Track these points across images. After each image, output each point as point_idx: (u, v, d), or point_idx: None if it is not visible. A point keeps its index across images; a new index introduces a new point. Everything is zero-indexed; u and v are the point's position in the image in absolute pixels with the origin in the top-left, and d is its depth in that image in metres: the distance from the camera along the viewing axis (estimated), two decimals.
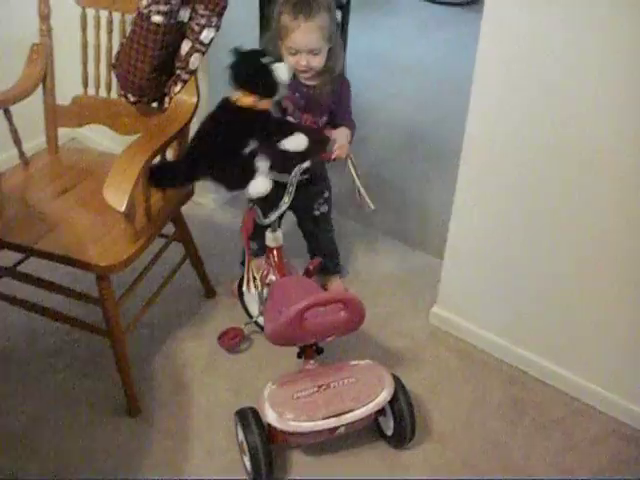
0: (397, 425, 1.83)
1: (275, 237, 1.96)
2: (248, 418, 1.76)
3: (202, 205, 2.77)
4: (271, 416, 1.72)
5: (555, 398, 2.08)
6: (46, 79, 2.07)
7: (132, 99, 1.98)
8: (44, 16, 2.03)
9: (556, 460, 1.91)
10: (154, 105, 2.02)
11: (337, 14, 1.95)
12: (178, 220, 2.13)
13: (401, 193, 2.98)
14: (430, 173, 3.09)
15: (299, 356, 1.89)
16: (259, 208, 1.91)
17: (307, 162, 1.85)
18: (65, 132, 2.24)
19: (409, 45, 4.41)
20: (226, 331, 2.20)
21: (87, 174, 2.07)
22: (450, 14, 5.00)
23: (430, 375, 2.14)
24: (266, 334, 1.82)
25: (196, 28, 1.87)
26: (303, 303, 1.64)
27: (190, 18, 1.87)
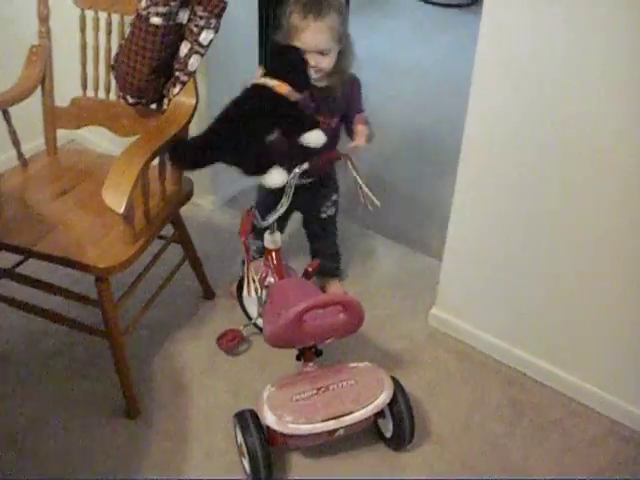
0: (396, 427, 1.83)
1: (274, 239, 1.95)
2: (247, 420, 1.76)
3: (201, 207, 2.77)
4: (270, 418, 1.72)
5: (554, 399, 2.08)
6: (45, 80, 2.07)
7: (131, 101, 1.98)
8: (43, 17, 2.03)
9: (555, 461, 1.91)
10: (153, 107, 2.02)
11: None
12: (177, 221, 2.12)
13: (400, 195, 2.99)
14: (429, 175, 3.10)
15: (298, 358, 1.89)
16: (260, 209, 1.90)
17: (306, 164, 1.85)
18: (64, 133, 2.24)
19: (408, 47, 4.41)
20: (225, 333, 2.20)
21: (86, 175, 2.07)
22: (448, 16, 5.01)
23: (429, 377, 2.14)
24: (265, 336, 1.82)
25: (195, 30, 1.87)
26: (302, 305, 1.64)
27: (189, 20, 1.87)
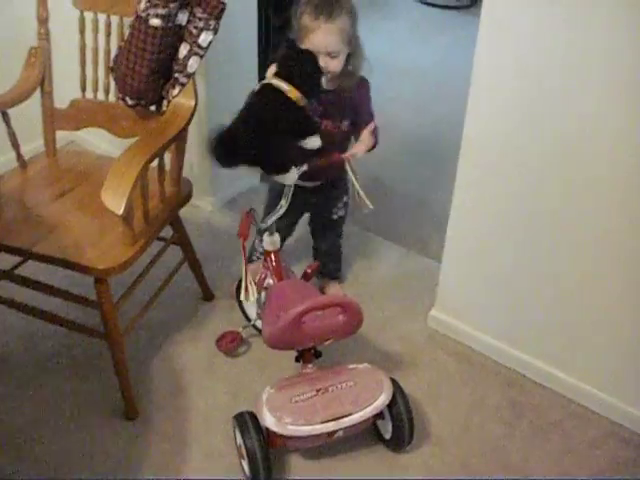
0: (395, 428, 1.83)
1: (272, 241, 1.95)
2: (246, 422, 1.76)
3: (200, 208, 2.77)
4: (269, 420, 1.72)
5: (553, 401, 2.08)
6: (44, 82, 2.07)
7: (130, 102, 1.98)
8: (42, 19, 2.03)
9: (554, 462, 1.91)
10: (152, 108, 2.02)
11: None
12: (176, 223, 2.12)
13: (399, 196, 2.99)
14: (428, 176, 3.10)
15: (297, 360, 1.88)
16: (270, 211, 1.90)
17: (305, 166, 1.85)
18: (63, 135, 2.23)
19: (406, 48, 4.42)
20: (224, 334, 2.20)
21: (85, 177, 2.07)
22: (446, 17, 5.02)
23: (428, 378, 2.14)
24: (264, 338, 1.82)
25: (194, 31, 1.87)
26: (301, 307, 1.64)
27: (188, 21, 1.87)
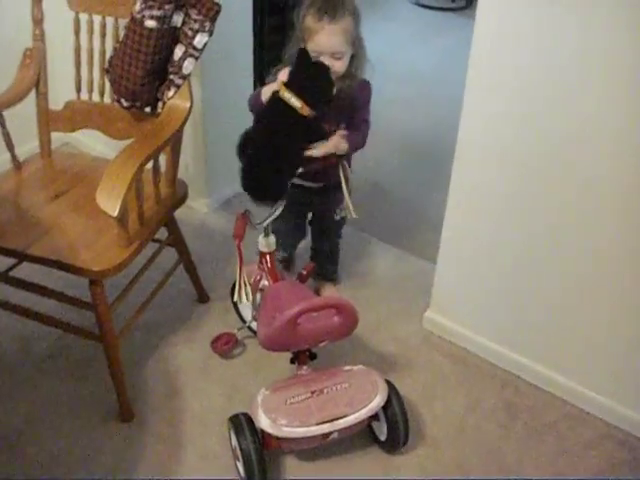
0: (391, 430, 1.83)
1: (268, 242, 1.95)
2: (241, 424, 1.76)
3: (195, 209, 2.77)
4: (264, 422, 1.72)
5: (548, 402, 2.09)
6: (39, 83, 2.07)
7: (125, 104, 1.98)
8: (37, 20, 2.03)
9: (549, 464, 1.91)
10: (147, 110, 2.01)
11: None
12: (171, 225, 2.12)
13: (395, 198, 2.99)
14: (424, 177, 3.10)
15: (292, 362, 1.89)
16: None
17: (301, 168, 1.85)
18: (58, 136, 2.23)
19: (404, 50, 4.43)
20: (219, 336, 2.19)
21: (80, 179, 2.07)
22: (443, 19, 5.03)
23: (423, 380, 2.14)
24: (259, 340, 1.82)
25: (189, 33, 1.87)
26: (296, 308, 1.64)
27: (183, 23, 1.87)
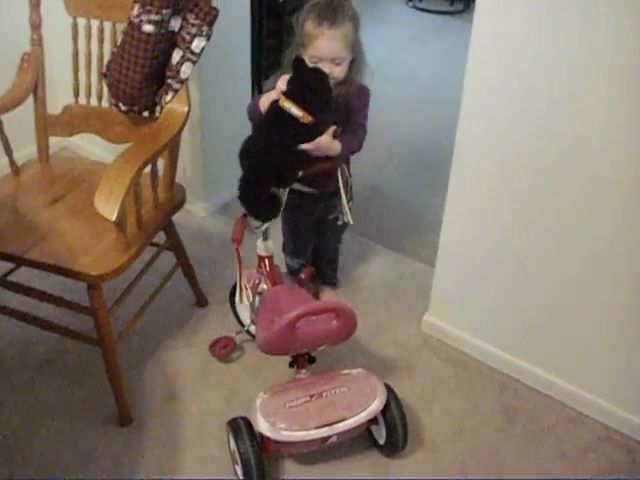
0: (389, 434, 1.83)
1: (266, 246, 1.96)
2: (240, 427, 1.75)
3: (193, 214, 2.77)
4: (263, 425, 1.72)
5: (547, 405, 2.09)
6: (37, 88, 2.07)
7: (123, 108, 1.98)
8: (35, 25, 2.03)
9: (548, 467, 1.91)
10: (145, 114, 2.02)
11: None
12: (169, 229, 2.12)
13: (393, 201, 2.99)
14: (422, 181, 3.11)
15: (291, 365, 1.89)
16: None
17: (300, 172, 1.86)
18: (56, 141, 2.24)
19: (402, 54, 4.44)
20: (218, 340, 2.19)
21: (78, 183, 2.07)
22: (441, 23, 5.04)
23: (422, 383, 2.14)
24: (258, 343, 1.82)
25: (187, 37, 1.87)
26: (295, 312, 1.64)
27: (181, 27, 1.88)
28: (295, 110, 1.73)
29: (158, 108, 1.98)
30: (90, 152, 2.89)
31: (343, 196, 1.97)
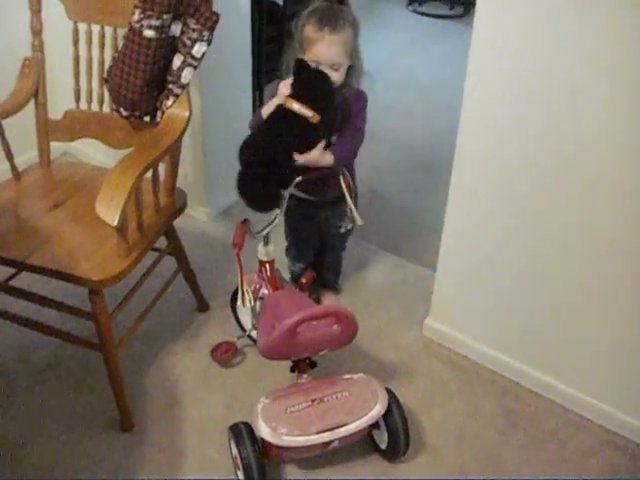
0: (391, 438, 1.83)
1: (267, 251, 1.96)
2: (241, 433, 1.75)
3: (194, 218, 2.77)
4: (264, 431, 1.71)
5: (548, 409, 2.08)
6: (38, 93, 2.07)
7: (124, 113, 1.98)
8: (36, 31, 2.03)
9: (550, 471, 1.91)
10: (146, 119, 2.02)
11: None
12: (170, 234, 2.12)
13: (394, 205, 2.99)
14: (423, 185, 3.11)
15: (292, 370, 1.89)
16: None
17: (299, 177, 1.86)
18: (57, 146, 2.23)
19: (402, 58, 4.44)
20: (219, 345, 2.19)
21: (79, 188, 2.07)
22: (441, 27, 5.04)
23: (423, 388, 2.14)
24: (259, 348, 1.82)
25: (188, 42, 1.87)
26: (296, 317, 1.64)
27: (182, 32, 1.88)
28: (305, 110, 1.75)
29: (159, 113, 1.98)
30: (91, 157, 2.89)
31: (348, 199, 1.96)
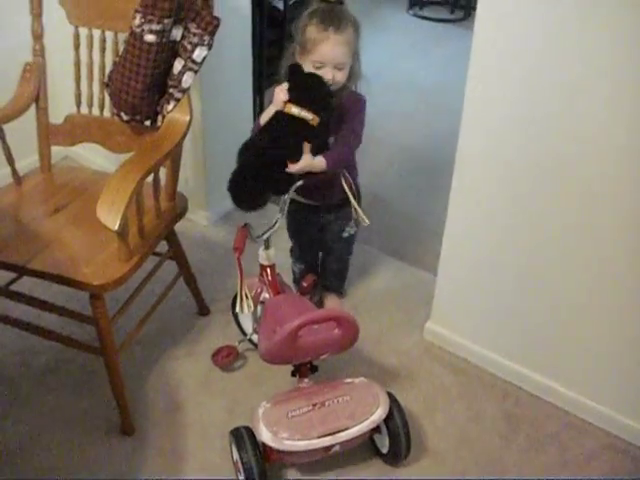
0: (392, 443, 1.82)
1: (268, 255, 1.95)
2: (243, 437, 1.75)
3: (195, 222, 2.77)
4: (266, 435, 1.71)
5: (549, 413, 2.08)
6: (39, 98, 2.07)
7: (125, 118, 1.98)
8: (37, 35, 2.04)
9: (551, 475, 1.91)
10: (147, 123, 2.02)
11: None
12: (171, 238, 2.12)
13: (394, 209, 2.99)
14: (423, 188, 3.11)
15: (293, 374, 1.88)
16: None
17: (300, 181, 1.86)
18: (58, 150, 2.24)
19: (402, 61, 4.44)
20: (220, 349, 2.19)
21: (80, 192, 2.07)
22: (442, 30, 5.04)
23: (425, 391, 2.14)
24: (260, 353, 1.82)
25: (189, 47, 1.88)
26: (296, 322, 1.64)
27: (182, 37, 1.88)
28: (305, 113, 1.78)
29: (160, 117, 1.98)
30: (92, 161, 2.89)
31: (352, 200, 1.96)
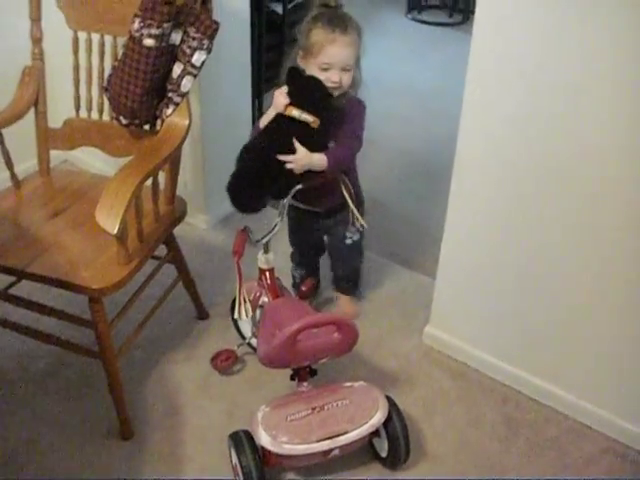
0: (391, 446, 1.82)
1: (267, 259, 1.95)
2: (242, 441, 1.75)
3: (194, 226, 2.77)
4: (265, 439, 1.71)
5: (549, 417, 2.08)
6: (38, 102, 2.07)
7: (124, 122, 1.98)
8: (36, 39, 2.04)
9: (551, 477, 1.91)
10: (146, 127, 2.02)
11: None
12: (170, 242, 2.12)
13: (394, 213, 2.99)
14: (422, 193, 3.11)
15: (292, 378, 1.88)
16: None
17: (300, 185, 1.86)
18: (57, 154, 2.24)
19: (401, 65, 4.46)
20: (219, 353, 2.19)
21: (79, 196, 2.07)
22: (440, 34, 5.06)
23: (424, 395, 2.13)
24: (259, 356, 1.82)
25: (188, 51, 1.88)
26: (295, 325, 1.64)
27: (182, 41, 1.88)
28: (306, 116, 1.80)
29: (159, 121, 1.98)
30: (91, 165, 2.89)
31: (350, 203, 1.96)
